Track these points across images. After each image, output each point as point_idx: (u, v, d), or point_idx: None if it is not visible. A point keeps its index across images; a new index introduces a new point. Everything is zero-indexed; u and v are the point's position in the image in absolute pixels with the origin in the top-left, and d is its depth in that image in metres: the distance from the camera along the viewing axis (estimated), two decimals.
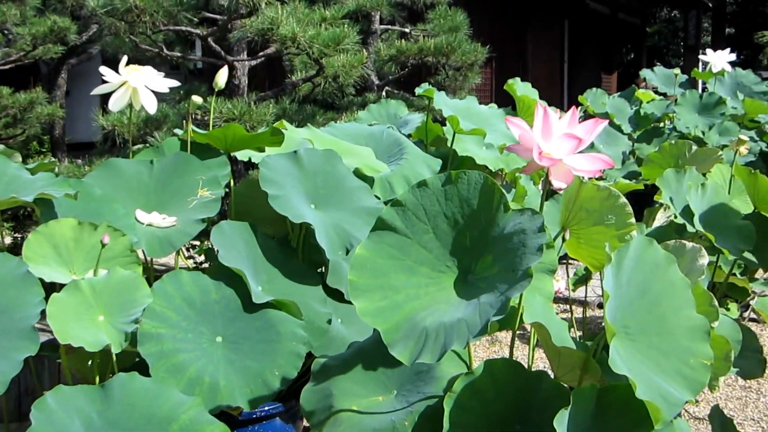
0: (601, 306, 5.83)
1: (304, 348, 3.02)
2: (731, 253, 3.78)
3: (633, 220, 3.01)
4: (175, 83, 3.71)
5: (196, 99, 3.81)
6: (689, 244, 3.12)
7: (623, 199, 2.97)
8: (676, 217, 4.01)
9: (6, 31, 7.86)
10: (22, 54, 7.91)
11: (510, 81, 5.56)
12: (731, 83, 8.24)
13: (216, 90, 3.95)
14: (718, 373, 2.95)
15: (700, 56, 7.94)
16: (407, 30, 8.44)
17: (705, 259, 3.06)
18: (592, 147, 7.00)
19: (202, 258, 5.50)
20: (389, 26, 8.55)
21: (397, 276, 2.39)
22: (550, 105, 3.15)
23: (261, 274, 3.31)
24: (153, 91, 3.61)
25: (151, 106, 3.60)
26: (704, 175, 4.37)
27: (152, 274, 3.55)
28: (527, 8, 15.34)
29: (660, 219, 4.87)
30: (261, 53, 6.05)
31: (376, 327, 2.31)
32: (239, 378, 2.86)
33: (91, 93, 3.64)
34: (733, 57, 7.85)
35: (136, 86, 3.53)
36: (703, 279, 3.06)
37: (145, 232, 3.37)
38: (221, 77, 3.96)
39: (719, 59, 7.77)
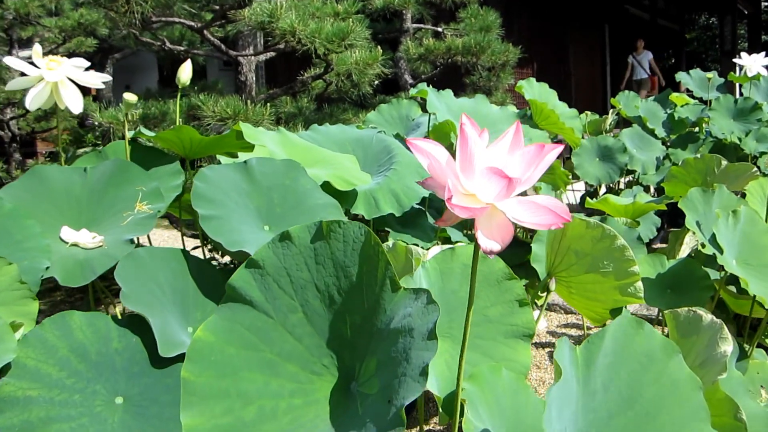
0: None
1: None
2: None
3: (636, 267, 2.14)
4: (106, 77, 2.86)
5: (130, 97, 2.96)
6: (707, 317, 2.14)
7: (621, 241, 2.13)
8: (704, 246, 2.99)
9: (38, 24, 7.14)
10: (54, 47, 7.23)
11: (520, 83, 4.63)
12: (767, 88, 7.24)
13: (180, 87, 3.11)
14: None
15: (735, 60, 6.94)
16: (440, 29, 7.65)
17: (729, 346, 2.05)
18: (624, 151, 6.07)
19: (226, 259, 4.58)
20: (422, 25, 7.75)
21: (251, 377, 1.56)
22: (591, 109, 2.20)
23: (193, 312, 2.49)
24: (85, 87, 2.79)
25: (75, 105, 2.74)
26: (737, 194, 3.34)
27: None
28: (568, 11, 14.53)
29: (689, 243, 3.84)
30: (269, 49, 5.17)
31: None
32: None
33: (6, 88, 2.78)
34: None
35: (54, 81, 2.66)
36: (724, 377, 1.99)
37: (63, 255, 2.58)
38: (184, 73, 3.21)
39: (755, 63, 6.82)
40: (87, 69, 2.88)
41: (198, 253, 4.89)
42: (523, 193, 1.46)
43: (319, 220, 2.70)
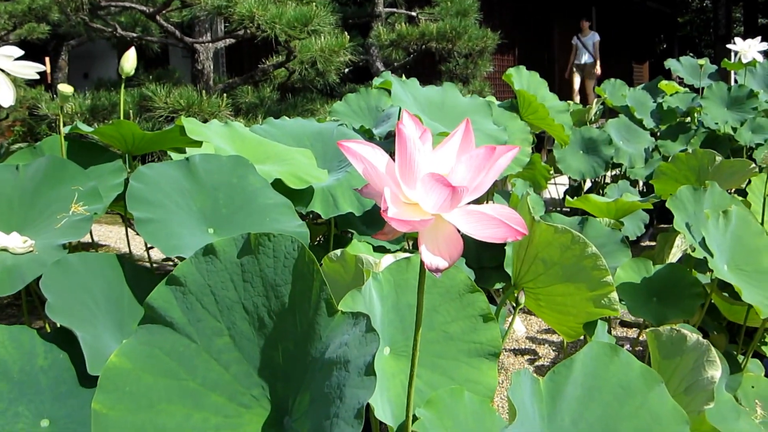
0: (624, 324, 4.70)
1: None
2: (765, 311, 2.60)
3: (610, 278, 2.07)
4: (40, 67, 2.74)
5: (64, 89, 2.84)
6: (692, 337, 2.02)
7: (593, 249, 2.00)
8: (694, 249, 2.88)
9: None
10: (4, 33, 7.09)
11: (509, 71, 4.51)
12: (764, 75, 7.30)
13: (123, 76, 3.01)
14: None
15: (729, 45, 6.85)
16: (414, 14, 7.55)
17: (717, 371, 1.93)
18: (610, 144, 5.97)
19: None
20: (394, 9, 7.65)
21: (171, 409, 1.45)
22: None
23: (129, 324, 2.37)
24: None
25: (5, 97, 2.62)
26: (731, 192, 3.23)
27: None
28: None
29: (680, 246, 3.73)
30: (228, 35, 5.04)
31: None
32: None
33: None
34: (765, 46, 6.77)
35: None
36: (711, 407, 1.86)
37: None
38: (127, 61, 3.11)
39: (750, 48, 6.70)
40: (37, 57, 2.75)
41: (154, 254, 4.80)
42: (478, 201, 1.35)
43: (269, 220, 2.66)
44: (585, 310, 2.19)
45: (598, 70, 13.59)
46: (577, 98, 13.13)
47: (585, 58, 13.58)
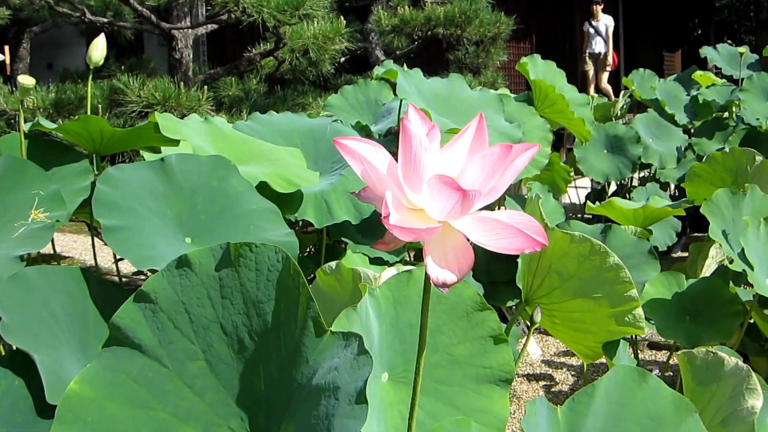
0: (653, 346, 4.69)
1: None
2: None
3: (634, 291, 2.06)
4: None
5: (25, 81, 2.86)
6: (731, 361, 2.01)
7: (614, 259, 2.00)
8: (732, 261, 2.87)
9: None
10: None
11: (523, 59, 4.52)
12: None
13: (91, 67, 3.03)
14: None
15: None
16: None
17: (759, 400, 1.91)
18: (637, 142, 5.97)
19: None
20: None
21: None
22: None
23: (93, 345, 2.36)
24: None
25: None
26: None
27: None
28: None
29: (715, 257, 3.72)
30: (209, 20, 5.05)
31: None
32: None
33: None
34: None
35: None
36: None
37: None
38: (96, 50, 3.18)
39: None
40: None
41: (124, 267, 4.80)
42: (490, 207, 1.34)
43: (253, 229, 2.66)
44: (606, 329, 2.18)
45: (610, 60, 13.41)
46: (594, 91, 13.02)
47: (599, 46, 13.33)
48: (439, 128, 1.38)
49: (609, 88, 13.29)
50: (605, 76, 13.44)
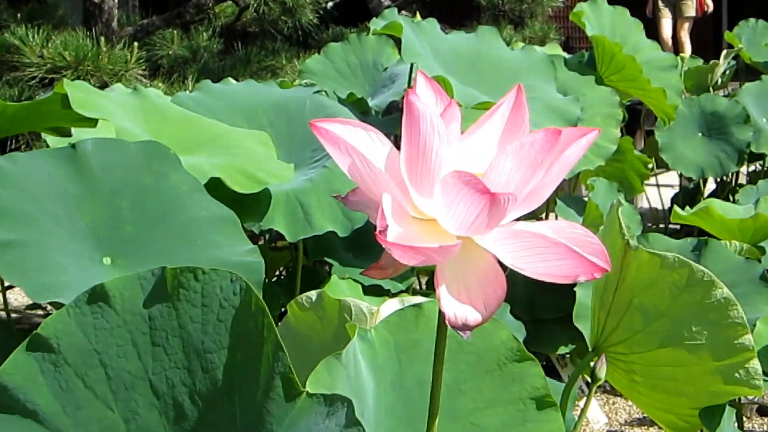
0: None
1: None
2: None
3: (749, 338, 2.16)
4: None
5: None
6: None
7: (724, 292, 2.11)
8: None
9: None
10: None
11: (580, 5, 4.55)
12: None
13: None
14: None
15: None
16: None
17: None
18: (746, 122, 5.99)
19: None
20: None
21: None
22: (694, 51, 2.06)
23: None
24: None
25: None
26: None
27: None
28: None
29: None
30: None
31: None
32: None
33: None
34: None
35: None
36: None
37: None
38: None
39: None
40: None
41: (14, 297, 4.84)
42: (529, 217, 1.35)
43: (201, 244, 2.70)
44: (707, 389, 2.21)
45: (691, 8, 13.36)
46: (669, 50, 12.97)
47: None
48: (462, 104, 1.39)
49: (687, 41, 13.24)
50: (687, 24, 13.44)
